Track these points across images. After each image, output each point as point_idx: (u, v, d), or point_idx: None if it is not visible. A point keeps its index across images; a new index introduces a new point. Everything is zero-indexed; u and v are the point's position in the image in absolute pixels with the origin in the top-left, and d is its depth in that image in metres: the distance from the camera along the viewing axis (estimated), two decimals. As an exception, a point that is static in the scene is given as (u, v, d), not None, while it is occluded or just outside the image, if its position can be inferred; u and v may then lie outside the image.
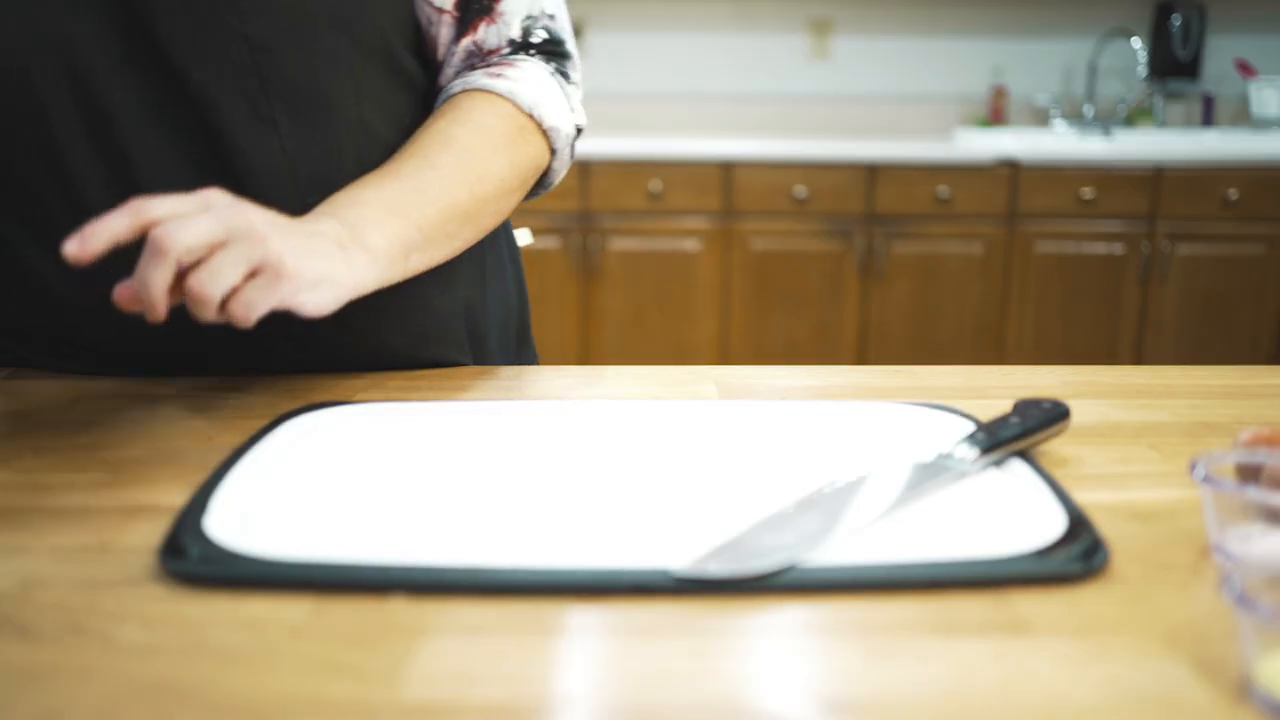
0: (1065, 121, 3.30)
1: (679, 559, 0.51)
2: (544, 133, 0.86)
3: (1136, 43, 3.22)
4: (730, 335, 2.97)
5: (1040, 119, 3.37)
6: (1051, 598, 0.50)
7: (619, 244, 2.93)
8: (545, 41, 0.89)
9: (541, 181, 0.91)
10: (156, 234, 0.60)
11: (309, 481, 0.63)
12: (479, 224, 0.83)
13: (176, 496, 0.61)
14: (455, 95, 0.85)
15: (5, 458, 0.69)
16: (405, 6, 0.85)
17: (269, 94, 0.78)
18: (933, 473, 0.61)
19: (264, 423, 0.72)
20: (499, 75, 0.85)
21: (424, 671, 0.44)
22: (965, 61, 3.37)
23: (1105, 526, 0.57)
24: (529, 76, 0.86)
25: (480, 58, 0.87)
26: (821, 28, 3.37)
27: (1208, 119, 3.32)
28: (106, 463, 0.68)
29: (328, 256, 0.67)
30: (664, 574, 0.50)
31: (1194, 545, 0.56)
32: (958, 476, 0.61)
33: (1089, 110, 3.31)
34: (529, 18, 0.88)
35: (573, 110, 0.90)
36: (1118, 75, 3.36)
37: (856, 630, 0.47)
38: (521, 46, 0.88)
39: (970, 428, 0.69)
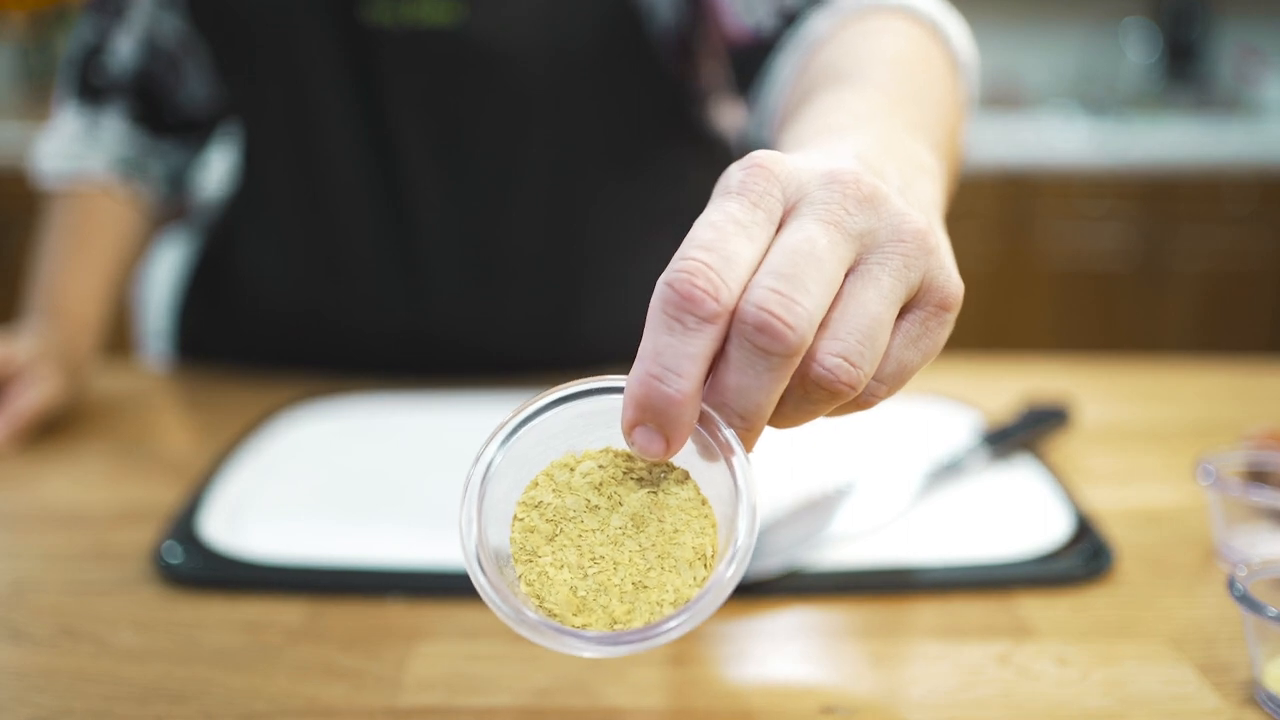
0: (1069, 114, 3.29)
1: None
2: (958, 69, 0.61)
3: (1143, 35, 3.22)
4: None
5: (1044, 111, 3.36)
6: (1056, 600, 0.49)
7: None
8: None
9: None
10: (759, 317, 0.31)
11: (303, 483, 0.62)
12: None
13: (170, 498, 0.61)
14: (828, 40, 0.61)
15: None
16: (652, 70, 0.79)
17: (464, 151, 0.79)
18: (939, 472, 0.60)
19: (259, 423, 0.71)
20: None
21: (421, 675, 0.44)
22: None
23: (1110, 528, 0.56)
24: None
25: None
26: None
27: (1215, 113, 3.31)
28: (100, 464, 0.67)
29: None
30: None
31: (1200, 547, 0.55)
32: (964, 475, 0.61)
33: (1094, 103, 3.30)
34: None
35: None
36: (1123, 68, 3.35)
37: (860, 633, 0.47)
38: None
39: (976, 426, 0.68)
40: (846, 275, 0.34)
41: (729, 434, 0.33)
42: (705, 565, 0.33)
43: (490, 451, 0.35)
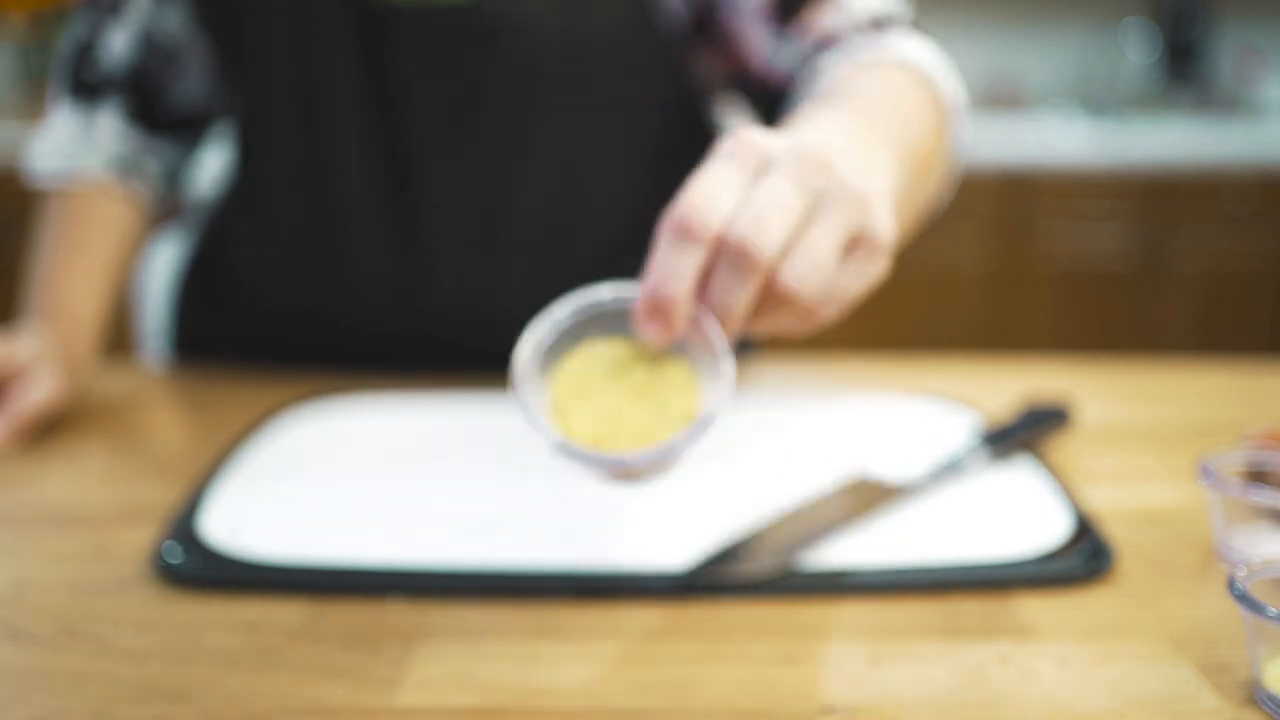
0: (1069, 114, 3.29)
1: (679, 560, 0.51)
2: (945, 112, 0.71)
3: (1143, 35, 3.22)
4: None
5: (1044, 111, 3.36)
6: (1056, 601, 0.49)
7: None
8: (913, 28, 0.76)
9: None
10: (738, 243, 0.43)
11: (304, 483, 0.62)
12: (930, 193, 0.69)
13: (170, 498, 0.61)
14: (829, 77, 0.70)
15: None
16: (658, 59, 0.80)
17: (474, 135, 0.79)
18: (938, 472, 0.60)
19: (259, 423, 0.71)
20: (876, 42, 0.73)
21: (422, 675, 0.44)
22: (966, 53, 3.36)
23: (1110, 528, 0.56)
24: (909, 45, 0.72)
25: (829, 46, 0.75)
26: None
27: (1215, 113, 3.31)
28: (99, 464, 0.67)
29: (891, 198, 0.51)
30: (664, 576, 0.50)
31: (1200, 547, 0.55)
32: (964, 475, 0.61)
33: (1094, 103, 3.30)
34: (885, 12, 0.75)
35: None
36: (1123, 68, 3.35)
37: (859, 633, 0.47)
38: (885, 22, 0.75)
39: (976, 426, 0.68)
40: (806, 221, 0.45)
41: (713, 327, 0.45)
42: (688, 422, 0.46)
43: (545, 331, 0.49)
